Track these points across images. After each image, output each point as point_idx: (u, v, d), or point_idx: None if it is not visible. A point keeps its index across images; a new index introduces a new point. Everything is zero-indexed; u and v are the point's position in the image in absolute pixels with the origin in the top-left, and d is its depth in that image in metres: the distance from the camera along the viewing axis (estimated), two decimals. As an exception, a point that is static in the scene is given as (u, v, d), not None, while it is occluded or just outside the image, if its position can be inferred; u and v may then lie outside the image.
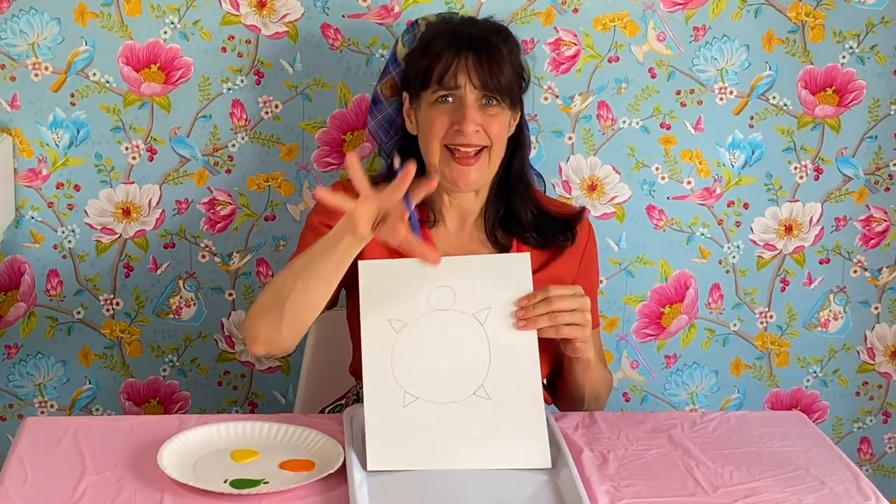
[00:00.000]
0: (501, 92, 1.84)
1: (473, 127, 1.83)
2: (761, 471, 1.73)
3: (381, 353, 1.70)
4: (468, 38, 1.85)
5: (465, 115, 1.82)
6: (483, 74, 1.83)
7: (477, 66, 1.83)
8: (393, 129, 2.01)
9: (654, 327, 2.52)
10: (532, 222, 1.96)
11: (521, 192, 1.96)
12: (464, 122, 1.82)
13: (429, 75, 1.85)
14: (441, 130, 1.85)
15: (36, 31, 2.21)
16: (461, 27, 1.90)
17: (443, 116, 1.84)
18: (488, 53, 1.84)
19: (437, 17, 1.98)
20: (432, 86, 1.85)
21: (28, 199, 2.29)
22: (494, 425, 1.67)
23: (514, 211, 1.95)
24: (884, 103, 2.44)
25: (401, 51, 1.98)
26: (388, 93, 2.01)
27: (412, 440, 1.66)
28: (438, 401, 1.68)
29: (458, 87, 1.83)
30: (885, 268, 2.55)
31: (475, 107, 1.84)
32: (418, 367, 1.70)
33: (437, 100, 1.85)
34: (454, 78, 1.83)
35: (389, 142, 2.01)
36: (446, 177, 1.87)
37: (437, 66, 1.84)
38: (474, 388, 1.69)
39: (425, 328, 1.72)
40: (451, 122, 1.84)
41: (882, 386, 2.63)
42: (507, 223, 1.96)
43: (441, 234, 1.94)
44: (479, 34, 1.87)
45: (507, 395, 1.69)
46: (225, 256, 2.38)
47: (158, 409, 2.45)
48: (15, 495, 1.55)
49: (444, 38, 1.86)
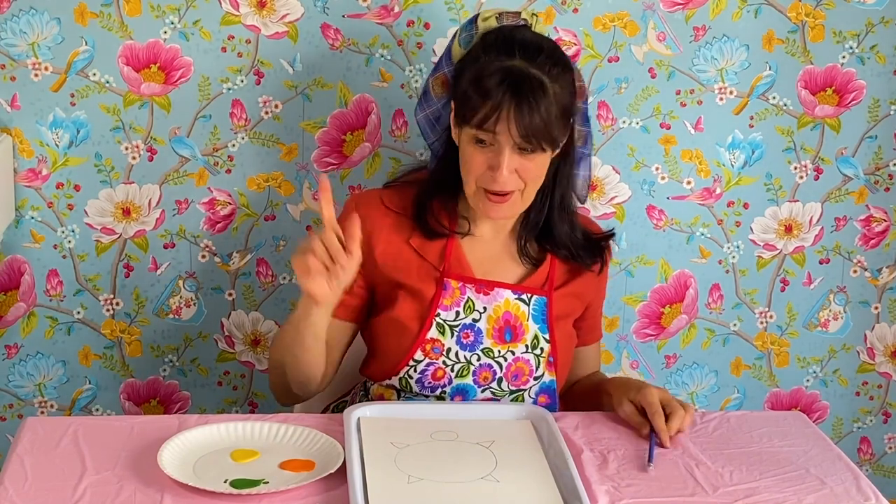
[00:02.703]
0: (541, 139, 1.79)
1: (508, 174, 1.80)
2: (761, 471, 1.73)
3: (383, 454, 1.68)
4: (515, 80, 1.77)
5: (499, 164, 1.79)
6: (523, 123, 1.76)
7: (517, 114, 1.76)
8: (440, 126, 1.97)
9: (654, 327, 2.52)
10: (568, 238, 1.96)
11: (563, 209, 1.95)
12: (498, 171, 1.79)
13: (471, 116, 1.80)
14: (477, 171, 1.83)
15: (36, 31, 2.21)
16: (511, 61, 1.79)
17: (480, 157, 1.82)
18: (530, 99, 1.76)
19: (497, 22, 1.88)
20: (473, 127, 1.80)
21: (28, 199, 2.29)
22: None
23: (552, 226, 1.95)
24: (884, 103, 2.44)
25: (456, 50, 1.91)
26: (440, 89, 1.95)
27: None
28: (445, 481, 1.63)
29: (496, 134, 1.79)
30: (885, 268, 2.55)
31: (512, 153, 1.79)
32: (422, 458, 1.68)
33: (475, 137, 1.81)
34: (494, 125, 1.78)
35: (436, 138, 1.99)
36: (479, 208, 1.87)
37: (481, 109, 1.78)
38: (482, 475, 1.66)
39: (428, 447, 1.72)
40: (488, 164, 1.81)
41: (882, 386, 2.63)
42: (542, 236, 1.96)
43: (474, 243, 1.95)
44: (528, 72, 1.78)
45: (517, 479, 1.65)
46: (225, 256, 2.38)
47: (158, 409, 2.45)
48: (15, 495, 1.55)
49: (494, 77, 1.78)
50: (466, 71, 1.85)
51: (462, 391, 1.93)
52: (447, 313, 1.91)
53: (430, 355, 1.90)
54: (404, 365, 1.91)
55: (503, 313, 1.92)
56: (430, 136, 2.00)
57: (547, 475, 1.65)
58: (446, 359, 1.91)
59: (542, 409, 1.85)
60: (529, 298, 1.94)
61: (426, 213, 1.92)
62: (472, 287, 1.92)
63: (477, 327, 1.91)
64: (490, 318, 1.92)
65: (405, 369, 1.91)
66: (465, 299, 1.91)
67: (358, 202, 1.95)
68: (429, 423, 1.79)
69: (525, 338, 1.93)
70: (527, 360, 1.94)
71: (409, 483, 1.61)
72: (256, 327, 2.42)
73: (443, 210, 1.93)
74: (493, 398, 1.94)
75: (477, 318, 1.92)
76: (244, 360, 2.44)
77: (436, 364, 1.90)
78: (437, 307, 1.90)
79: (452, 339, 1.91)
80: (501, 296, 1.92)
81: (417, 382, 1.91)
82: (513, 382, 1.94)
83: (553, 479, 1.64)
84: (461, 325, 1.91)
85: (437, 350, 1.90)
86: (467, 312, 1.91)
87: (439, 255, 1.92)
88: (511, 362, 1.93)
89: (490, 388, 1.93)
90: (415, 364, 1.90)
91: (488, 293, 1.92)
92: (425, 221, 1.92)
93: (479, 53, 1.84)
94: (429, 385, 1.92)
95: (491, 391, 1.94)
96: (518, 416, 1.84)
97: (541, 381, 1.95)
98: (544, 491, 1.61)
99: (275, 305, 2.41)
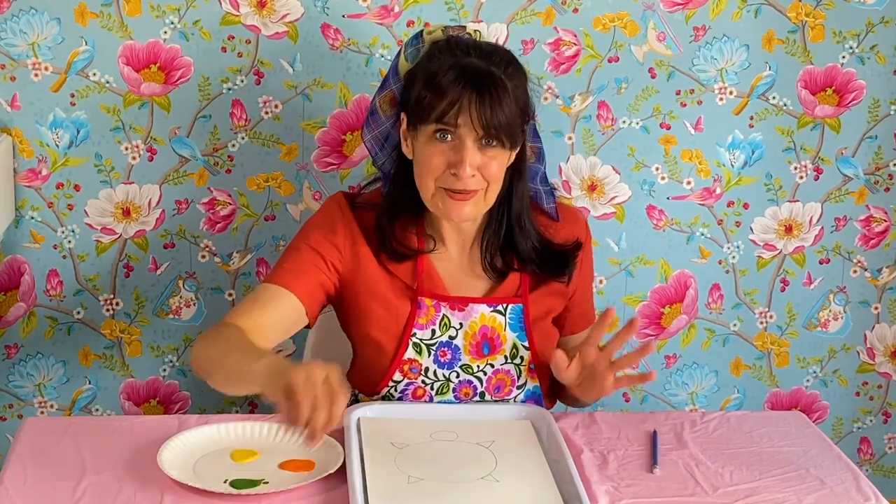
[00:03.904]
0: (502, 133, 1.77)
1: (471, 172, 1.77)
2: (761, 471, 1.73)
3: (383, 454, 1.68)
4: (473, 73, 1.77)
5: (462, 159, 1.76)
6: (484, 115, 1.75)
7: (479, 106, 1.75)
8: (389, 145, 1.93)
9: (654, 327, 2.52)
10: (532, 254, 1.92)
11: (521, 224, 1.91)
12: (460, 167, 1.76)
13: (429, 111, 1.77)
14: (437, 171, 1.79)
15: (36, 31, 2.21)
16: (467, 57, 1.80)
17: (439, 157, 1.78)
18: (491, 92, 1.75)
19: (444, 34, 1.86)
20: (431, 122, 1.77)
21: (28, 199, 2.29)
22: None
23: (514, 242, 1.92)
24: (884, 103, 2.44)
25: (403, 65, 1.88)
26: (387, 107, 1.91)
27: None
28: (445, 481, 1.62)
29: (457, 127, 1.76)
30: (885, 268, 2.55)
31: (473, 149, 1.77)
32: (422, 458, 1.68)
33: (434, 134, 1.78)
34: (455, 118, 1.76)
35: (385, 158, 1.94)
36: (440, 209, 1.83)
37: (439, 103, 1.76)
38: (482, 475, 1.66)
39: (428, 447, 1.72)
40: (448, 163, 1.78)
41: (882, 386, 2.63)
42: (506, 251, 1.93)
43: (443, 259, 1.92)
44: (485, 67, 1.78)
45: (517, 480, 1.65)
46: (225, 256, 2.38)
47: (158, 409, 2.45)
48: (15, 495, 1.55)
49: (448, 73, 1.77)
50: (418, 76, 1.81)
51: None
52: (423, 332, 1.88)
53: (408, 375, 1.89)
54: (384, 385, 1.90)
55: (480, 328, 1.90)
56: (380, 157, 1.95)
57: (547, 475, 1.65)
58: (425, 378, 1.89)
59: (542, 409, 1.85)
60: (505, 308, 1.91)
61: (390, 237, 1.88)
62: (447, 304, 1.89)
63: (454, 344, 1.89)
64: (466, 333, 1.89)
65: (386, 388, 1.90)
66: (441, 317, 1.89)
67: (342, 204, 1.92)
68: (429, 423, 1.79)
69: (503, 348, 1.91)
70: (507, 371, 1.92)
71: (409, 483, 1.61)
72: (256, 327, 2.42)
73: (406, 230, 1.90)
74: None
75: (453, 335, 1.89)
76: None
77: (415, 383, 1.89)
78: (412, 327, 1.88)
79: (430, 358, 1.89)
80: (476, 311, 1.90)
81: (399, 401, 1.90)
82: (496, 395, 1.92)
83: (553, 479, 1.64)
84: (437, 344, 1.89)
85: (415, 370, 1.88)
86: (443, 330, 1.89)
87: (411, 274, 1.89)
88: (491, 375, 1.91)
89: (473, 402, 1.92)
90: (394, 384, 1.89)
91: (463, 309, 1.89)
92: (390, 246, 1.88)
93: (432, 58, 1.82)
94: (412, 402, 1.91)
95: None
96: (518, 416, 1.84)
97: (524, 389, 1.93)
98: (544, 491, 1.61)
99: (275, 305, 2.41)
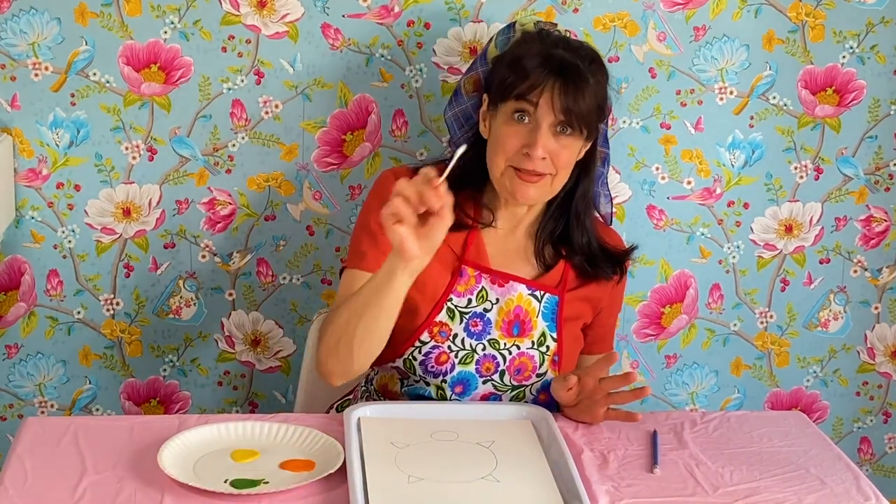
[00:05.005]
0: (579, 120, 1.83)
1: (542, 153, 1.83)
2: (761, 471, 1.73)
3: (383, 454, 1.68)
4: (559, 62, 1.83)
5: (536, 140, 1.82)
6: (564, 100, 1.81)
7: (561, 90, 1.82)
8: (468, 125, 2.01)
9: (655, 327, 2.52)
10: (584, 249, 1.98)
11: (580, 217, 1.97)
12: (534, 148, 1.82)
13: (511, 89, 1.84)
14: (511, 150, 1.85)
15: (36, 31, 2.21)
16: (555, 48, 1.87)
17: (514, 137, 1.84)
18: (574, 81, 1.82)
19: (536, 27, 1.95)
20: (512, 100, 1.84)
21: (28, 199, 2.29)
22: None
23: (570, 233, 1.97)
24: (884, 103, 2.44)
25: (492, 51, 1.98)
26: (471, 88, 2.00)
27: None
28: (445, 481, 1.63)
29: (537, 107, 1.82)
30: (885, 268, 2.55)
31: (548, 133, 1.83)
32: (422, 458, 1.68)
33: (513, 114, 1.84)
34: (536, 98, 1.82)
35: (462, 136, 2.01)
36: (506, 188, 1.88)
37: (523, 83, 1.83)
38: (483, 474, 1.66)
39: (428, 447, 1.72)
40: (522, 144, 1.83)
41: (882, 386, 2.63)
42: (560, 242, 1.98)
43: (494, 236, 1.97)
44: (571, 59, 1.84)
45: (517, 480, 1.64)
46: (225, 256, 2.38)
47: (158, 409, 2.45)
48: (15, 495, 1.55)
49: (535, 57, 1.84)
50: (505, 59, 1.89)
51: (464, 380, 1.93)
52: (459, 299, 1.92)
53: (436, 338, 1.91)
54: (410, 346, 1.91)
55: (514, 307, 1.93)
56: (457, 134, 2.03)
57: (547, 475, 1.65)
58: (452, 344, 1.91)
59: (542, 409, 1.85)
60: (542, 296, 1.95)
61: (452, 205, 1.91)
62: (488, 277, 1.94)
63: (487, 317, 1.93)
64: (501, 309, 1.93)
65: (410, 350, 1.91)
66: (480, 288, 1.93)
67: (396, 173, 1.95)
68: (429, 423, 1.79)
69: (532, 334, 1.95)
70: (531, 356, 1.94)
71: (409, 483, 1.61)
72: (256, 327, 2.42)
73: (468, 201, 1.95)
74: (493, 392, 1.94)
75: (489, 308, 1.93)
76: (244, 360, 2.44)
77: (441, 348, 1.91)
78: (450, 292, 1.92)
79: (461, 325, 1.92)
80: (515, 289, 1.94)
81: (421, 365, 1.92)
82: (515, 377, 1.94)
83: (553, 479, 1.64)
84: (471, 313, 1.92)
85: (444, 334, 1.91)
86: (480, 301, 1.93)
87: (461, 244, 1.94)
88: (515, 356, 1.94)
89: (492, 380, 1.94)
90: (420, 346, 1.91)
91: (503, 285, 1.94)
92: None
93: (520, 44, 1.90)
94: (432, 369, 1.92)
95: (493, 384, 1.94)
96: (518, 416, 1.85)
97: (543, 378, 1.96)
98: (544, 491, 1.61)
99: (275, 305, 2.41)
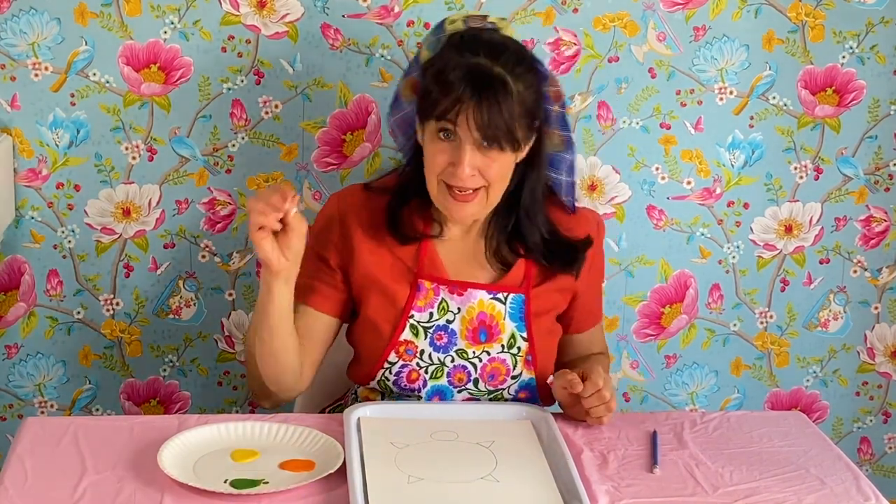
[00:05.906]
0: (501, 137, 1.77)
1: (469, 171, 1.78)
2: (761, 471, 1.73)
3: (383, 454, 1.68)
4: (479, 76, 1.77)
5: (460, 160, 1.78)
6: (483, 119, 1.75)
7: (477, 110, 1.75)
8: (412, 130, 1.94)
9: (654, 327, 2.52)
10: (540, 245, 1.93)
11: (531, 213, 1.92)
12: (459, 166, 1.78)
13: (432, 109, 1.79)
14: (439, 167, 1.81)
15: (36, 31, 2.21)
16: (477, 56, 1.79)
17: (441, 154, 1.80)
18: (494, 95, 1.76)
19: (465, 24, 1.87)
20: (433, 119, 1.79)
21: (28, 199, 2.29)
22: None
23: (522, 231, 1.92)
24: (884, 103, 2.44)
25: (424, 54, 1.90)
26: (408, 93, 1.92)
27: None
28: (445, 481, 1.62)
29: (457, 126, 1.77)
30: (885, 268, 2.55)
31: (472, 150, 1.78)
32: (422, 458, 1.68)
33: (438, 133, 1.80)
34: (455, 118, 1.77)
35: (408, 143, 1.95)
36: (444, 208, 1.85)
37: (442, 101, 1.77)
38: (482, 474, 1.66)
39: (428, 447, 1.72)
40: (449, 160, 1.80)
41: (882, 386, 2.63)
42: (515, 240, 1.93)
43: (447, 245, 1.93)
44: (492, 70, 1.77)
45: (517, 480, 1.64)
46: (225, 256, 2.38)
47: (158, 409, 2.45)
48: (15, 495, 1.55)
49: (455, 70, 1.78)
50: (430, 69, 1.83)
51: (439, 392, 1.92)
52: (421, 314, 1.90)
53: (403, 357, 1.90)
54: (380, 367, 1.91)
55: (478, 314, 1.91)
56: (401, 140, 1.98)
57: (547, 475, 1.65)
58: (420, 360, 1.90)
59: (542, 409, 1.85)
60: (506, 297, 1.92)
61: (398, 220, 1.91)
62: (446, 288, 1.90)
63: (451, 328, 1.90)
64: (464, 318, 1.90)
65: (381, 371, 1.91)
66: (440, 300, 1.90)
67: (340, 197, 1.95)
68: (429, 423, 1.79)
69: (501, 337, 1.92)
70: (503, 360, 1.92)
71: (409, 483, 1.61)
72: (256, 327, 2.42)
73: (415, 214, 1.91)
74: (471, 398, 1.94)
75: (451, 319, 1.90)
76: (244, 360, 2.44)
77: (410, 366, 1.90)
78: (410, 308, 1.89)
79: (426, 340, 1.90)
80: (475, 297, 1.91)
81: (395, 384, 1.91)
82: (489, 382, 1.93)
83: (553, 479, 1.64)
84: (434, 327, 1.90)
85: (411, 352, 1.90)
86: (441, 314, 1.90)
87: (413, 257, 1.91)
88: (486, 363, 1.92)
89: (466, 388, 1.93)
90: (389, 366, 1.90)
91: (462, 294, 1.91)
92: (397, 229, 1.90)
93: (445, 52, 1.83)
94: (406, 388, 1.91)
95: (468, 392, 1.93)
96: (518, 417, 1.84)
97: (519, 379, 1.94)
98: (544, 491, 1.61)
99: (275, 305, 2.41)
